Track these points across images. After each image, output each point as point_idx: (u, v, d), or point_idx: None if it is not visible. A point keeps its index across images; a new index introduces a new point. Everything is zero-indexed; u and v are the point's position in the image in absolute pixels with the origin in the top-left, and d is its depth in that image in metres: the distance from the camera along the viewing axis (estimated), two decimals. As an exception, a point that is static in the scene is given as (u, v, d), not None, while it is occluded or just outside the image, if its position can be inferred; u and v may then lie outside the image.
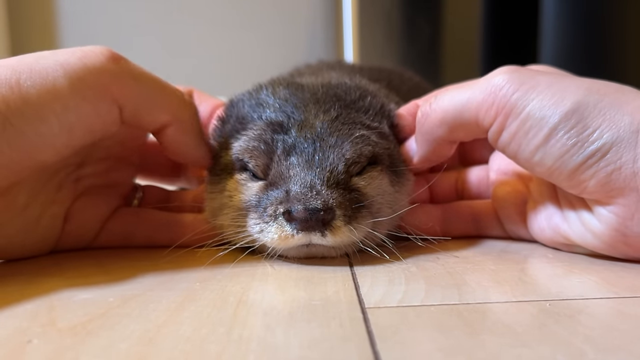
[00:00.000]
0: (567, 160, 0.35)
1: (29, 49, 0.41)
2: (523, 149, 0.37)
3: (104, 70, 0.35)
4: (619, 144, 0.34)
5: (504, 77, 0.37)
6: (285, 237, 0.37)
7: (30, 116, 0.33)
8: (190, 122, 0.42)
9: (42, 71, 0.34)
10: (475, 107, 0.38)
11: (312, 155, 0.39)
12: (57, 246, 0.42)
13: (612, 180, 0.34)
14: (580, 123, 0.35)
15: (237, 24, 1.53)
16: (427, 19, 1.36)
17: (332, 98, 0.44)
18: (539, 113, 0.36)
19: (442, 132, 0.40)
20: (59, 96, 0.34)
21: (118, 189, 0.45)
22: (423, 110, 0.41)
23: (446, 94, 0.40)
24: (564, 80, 0.37)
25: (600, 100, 0.35)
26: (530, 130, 0.36)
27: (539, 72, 0.38)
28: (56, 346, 0.25)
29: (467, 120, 0.39)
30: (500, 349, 0.24)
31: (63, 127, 0.34)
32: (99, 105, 0.36)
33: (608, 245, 0.37)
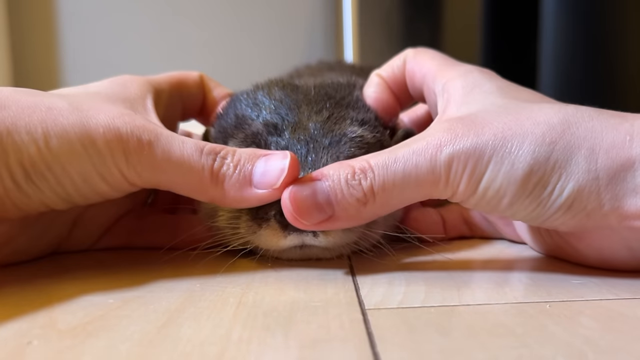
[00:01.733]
0: (535, 217, 0.35)
1: (29, 49, 0.41)
2: (491, 212, 0.36)
3: (124, 158, 0.35)
4: (580, 195, 0.33)
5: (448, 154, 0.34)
6: (277, 238, 0.37)
7: (50, 179, 0.34)
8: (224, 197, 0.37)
9: (70, 142, 0.34)
10: (426, 191, 0.35)
11: (305, 156, 0.39)
12: (59, 249, 0.42)
13: (584, 225, 0.34)
14: (538, 185, 0.33)
15: (237, 24, 1.53)
16: (426, 19, 1.36)
17: (324, 97, 0.44)
18: (495, 185, 0.34)
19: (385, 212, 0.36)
20: (80, 172, 0.34)
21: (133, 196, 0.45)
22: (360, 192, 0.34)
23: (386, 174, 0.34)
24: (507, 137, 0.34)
25: (552, 152, 0.33)
26: (491, 201, 0.35)
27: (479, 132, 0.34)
28: (56, 347, 0.25)
29: (419, 198, 0.36)
30: (500, 350, 0.24)
31: (79, 193, 0.36)
32: (118, 186, 0.36)
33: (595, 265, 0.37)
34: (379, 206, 0.35)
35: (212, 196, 0.37)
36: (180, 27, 1.52)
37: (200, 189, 0.36)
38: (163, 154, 0.35)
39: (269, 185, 0.36)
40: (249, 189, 0.36)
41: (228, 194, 0.36)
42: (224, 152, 0.37)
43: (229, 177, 0.36)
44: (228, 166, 0.36)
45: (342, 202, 0.34)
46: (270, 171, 0.36)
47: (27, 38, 1.48)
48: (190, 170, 0.36)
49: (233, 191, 0.36)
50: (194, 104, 0.50)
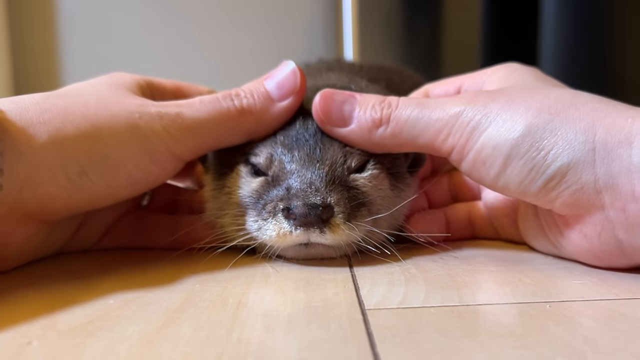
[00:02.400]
0: (528, 185, 0.35)
1: (29, 49, 0.41)
2: (485, 177, 0.37)
3: (167, 134, 0.37)
4: (575, 165, 0.33)
5: (460, 108, 0.37)
6: (283, 234, 0.37)
7: (105, 171, 0.35)
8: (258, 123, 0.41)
9: (119, 131, 0.36)
10: (431, 135, 0.38)
11: (314, 148, 0.39)
12: (61, 249, 0.42)
13: (577, 200, 0.34)
14: (533, 146, 0.34)
15: (237, 24, 1.53)
16: (426, 18, 1.36)
17: None
18: (492, 142, 0.35)
19: (391, 145, 0.39)
20: (132, 156, 0.36)
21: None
22: (377, 116, 0.39)
23: (406, 108, 0.38)
24: (515, 103, 0.36)
25: (551, 120, 0.34)
26: (487, 160, 0.36)
27: (493, 97, 0.37)
28: (56, 348, 0.25)
29: (421, 145, 0.39)
30: (500, 350, 0.24)
31: (130, 181, 0.37)
32: (166, 165, 0.38)
33: (594, 256, 0.36)
34: (389, 134, 0.38)
35: (248, 129, 0.40)
36: (179, 27, 1.51)
37: (237, 128, 0.40)
38: (193, 116, 0.38)
39: (291, 92, 0.40)
40: (275, 105, 0.40)
41: (261, 118, 0.40)
42: (234, 91, 0.40)
43: (253, 104, 0.40)
44: (247, 98, 0.40)
45: (361, 118, 0.39)
46: (283, 81, 0.40)
47: (27, 38, 1.48)
48: (220, 117, 0.39)
49: (263, 114, 0.40)
50: None
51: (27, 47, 1.48)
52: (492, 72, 0.44)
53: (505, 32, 1.18)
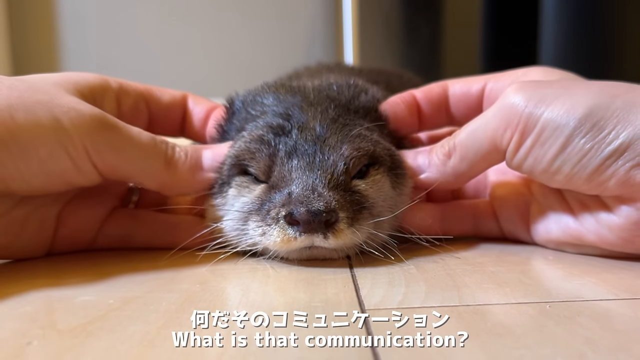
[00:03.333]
0: (585, 164, 0.36)
1: (29, 49, 0.41)
2: (540, 161, 0.37)
3: (87, 137, 0.37)
4: (636, 141, 0.34)
5: (513, 97, 0.38)
6: (287, 240, 0.37)
7: (14, 151, 0.35)
8: (177, 181, 0.41)
9: (36, 116, 0.35)
10: (490, 134, 0.39)
11: (313, 157, 0.39)
12: (52, 249, 0.42)
13: (632, 176, 0.35)
14: (595, 126, 0.35)
15: (237, 25, 1.53)
16: (426, 20, 1.36)
17: (329, 98, 0.44)
18: (553, 123, 0.36)
19: (465, 169, 0.41)
20: (45, 143, 0.35)
21: (112, 190, 0.45)
22: (446, 148, 0.41)
23: (464, 128, 0.41)
24: (572, 88, 0.37)
25: (612, 102, 0.35)
26: (547, 141, 0.37)
27: (545, 85, 0.38)
28: (56, 348, 0.25)
29: (487, 149, 0.39)
30: (500, 350, 0.24)
31: (42, 171, 0.36)
32: (81, 165, 0.37)
33: (625, 240, 0.37)
34: (459, 159, 0.41)
35: (164, 181, 0.41)
36: (179, 28, 1.52)
37: (156, 173, 0.40)
38: (124, 137, 0.38)
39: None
40: (201, 173, 0.42)
41: (181, 176, 0.41)
42: (173, 143, 0.41)
43: (182, 162, 0.41)
44: (179, 154, 0.41)
45: (433, 159, 0.42)
46: (219, 155, 0.42)
47: (27, 38, 1.48)
48: (147, 153, 0.39)
49: (186, 175, 0.41)
50: (167, 120, 0.49)
51: (27, 48, 1.48)
52: (526, 71, 0.44)
53: (506, 34, 1.18)
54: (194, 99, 0.49)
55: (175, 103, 0.48)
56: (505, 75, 0.45)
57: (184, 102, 0.49)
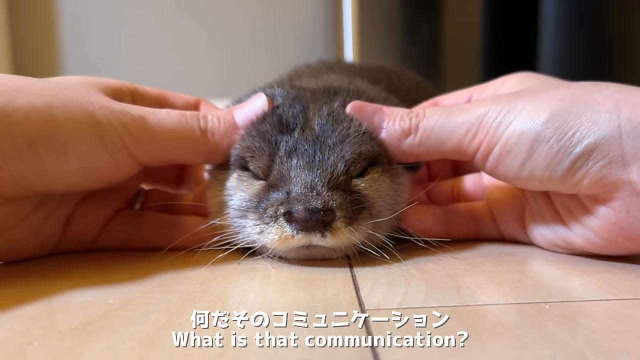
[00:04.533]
0: (555, 168, 0.36)
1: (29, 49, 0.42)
2: (510, 168, 0.38)
3: (124, 130, 0.38)
4: (602, 142, 0.35)
5: (485, 108, 0.39)
6: (285, 238, 0.37)
7: (54, 148, 0.35)
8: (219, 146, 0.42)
9: (73, 113, 0.36)
10: (458, 137, 0.40)
11: (313, 156, 0.39)
12: (57, 248, 0.42)
13: (604, 176, 0.35)
14: (558, 130, 0.36)
15: (237, 24, 1.53)
16: (426, 19, 1.36)
17: (331, 100, 0.44)
18: (518, 130, 0.37)
19: (419, 152, 0.41)
20: (84, 139, 0.36)
21: (122, 193, 0.45)
22: (405, 126, 0.41)
23: (433, 117, 0.40)
24: (539, 95, 0.38)
25: (574, 105, 0.36)
26: (513, 148, 0.38)
27: (517, 95, 0.39)
28: (56, 348, 0.25)
29: (449, 149, 0.40)
30: (500, 350, 0.24)
31: (81, 166, 0.37)
32: (119, 159, 0.38)
33: (609, 242, 0.37)
34: (417, 142, 0.41)
35: (206, 150, 0.41)
36: (179, 27, 1.52)
37: (195, 146, 0.41)
38: (157, 122, 0.39)
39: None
40: (238, 132, 0.42)
41: (221, 142, 0.41)
42: (203, 113, 0.42)
43: (217, 128, 0.41)
44: (212, 121, 0.41)
45: (391, 128, 0.41)
46: (251, 112, 0.43)
47: (27, 39, 1.48)
48: (182, 131, 0.40)
49: (224, 139, 0.42)
50: None
51: (28, 48, 1.48)
52: (505, 80, 0.46)
53: (505, 34, 1.18)
54: (206, 105, 0.50)
55: (188, 108, 0.49)
56: (488, 86, 0.46)
57: (197, 107, 0.50)
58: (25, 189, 0.36)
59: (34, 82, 0.37)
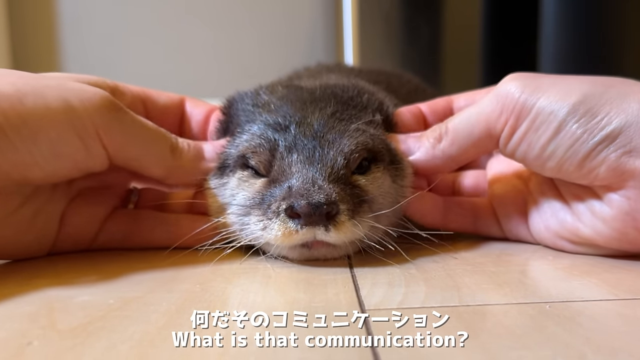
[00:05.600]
0: (577, 149, 0.36)
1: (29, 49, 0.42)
2: (534, 146, 0.38)
3: (98, 116, 0.38)
4: (628, 129, 0.35)
5: (509, 84, 0.39)
6: (289, 233, 0.37)
7: (25, 134, 0.35)
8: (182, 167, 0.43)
9: (45, 99, 0.36)
10: (484, 119, 0.40)
11: (313, 151, 0.39)
12: (54, 248, 0.42)
13: (623, 163, 0.35)
14: (588, 112, 0.36)
15: (237, 25, 1.53)
16: (427, 20, 1.36)
17: (329, 96, 0.44)
18: (548, 108, 0.37)
19: (454, 152, 0.42)
20: (55, 125, 0.36)
21: (114, 190, 0.45)
22: (437, 132, 0.42)
23: (458, 116, 0.41)
24: (566, 78, 0.38)
25: (606, 91, 0.36)
26: (541, 126, 0.38)
27: (541, 75, 0.39)
28: (56, 348, 0.25)
29: (479, 134, 0.40)
30: (500, 350, 0.24)
31: (53, 153, 0.37)
32: (90, 145, 0.38)
33: (619, 232, 0.37)
34: (449, 142, 0.41)
35: (170, 166, 0.42)
36: (180, 28, 1.52)
37: (162, 157, 0.42)
38: (133, 120, 0.40)
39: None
40: (203, 162, 0.44)
41: (186, 163, 0.43)
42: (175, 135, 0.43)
43: (187, 150, 0.43)
44: (183, 143, 0.43)
45: (424, 142, 0.43)
46: (219, 148, 0.44)
47: (27, 38, 1.48)
48: (154, 136, 0.41)
49: (190, 162, 0.43)
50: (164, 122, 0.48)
51: (28, 48, 1.48)
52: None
53: (505, 35, 1.18)
54: (192, 101, 0.49)
55: (172, 105, 0.49)
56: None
57: (181, 105, 0.49)
58: (1, 179, 0.36)
59: (10, 72, 0.37)
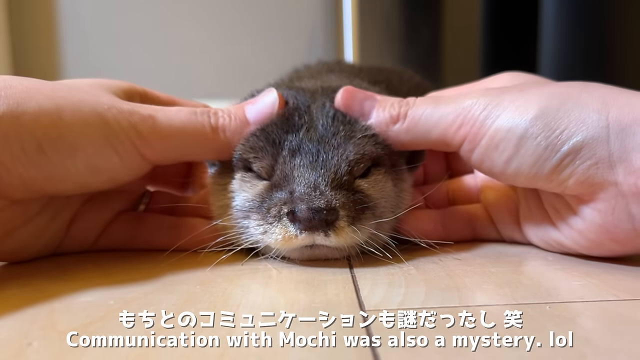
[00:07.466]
0: (542, 165, 0.36)
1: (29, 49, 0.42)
2: (496, 163, 0.38)
3: (133, 132, 0.38)
4: (589, 141, 0.35)
5: (472, 100, 0.39)
6: (289, 237, 0.37)
7: (62, 149, 0.35)
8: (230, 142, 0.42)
9: (82, 114, 0.36)
10: (443, 128, 0.39)
11: (316, 156, 0.39)
12: (58, 249, 0.42)
13: (590, 176, 0.35)
14: (546, 127, 0.36)
15: (237, 25, 1.54)
16: (427, 20, 1.36)
17: (331, 99, 0.44)
18: (506, 125, 0.37)
19: (406, 139, 0.41)
20: (92, 141, 0.36)
21: (126, 195, 0.45)
22: (394, 113, 0.41)
23: (421, 105, 0.40)
24: (529, 92, 0.38)
25: (564, 103, 0.36)
26: (500, 143, 0.37)
27: (505, 90, 0.39)
28: (56, 349, 0.25)
29: (434, 139, 0.40)
30: (500, 351, 0.24)
31: (89, 167, 0.37)
32: (128, 160, 0.38)
33: (596, 243, 0.37)
34: (404, 129, 0.40)
35: (218, 148, 0.41)
36: (180, 30, 1.52)
37: (206, 143, 0.40)
38: (166, 121, 0.39)
39: (268, 120, 0.41)
40: (249, 128, 0.42)
41: (232, 139, 0.41)
42: (213, 110, 0.41)
43: (228, 124, 0.41)
44: (223, 117, 0.41)
45: (380, 114, 0.41)
46: (262, 108, 0.42)
47: (27, 39, 1.48)
48: (193, 128, 0.40)
49: (236, 135, 0.41)
50: None
51: (28, 48, 1.48)
52: (495, 77, 0.45)
53: (505, 35, 1.18)
54: None
55: None
56: (481, 82, 0.47)
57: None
58: (33, 191, 0.36)
59: (43, 84, 0.37)
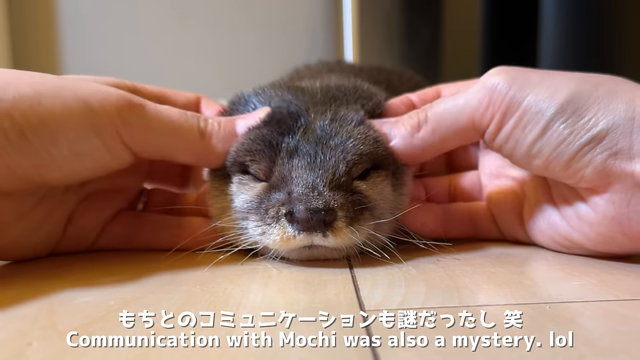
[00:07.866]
0: (564, 149, 0.36)
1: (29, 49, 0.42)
2: (520, 144, 0.38)
3: (116, 116, 0.37)
4: (614, 131, 0.35)
5: (497, 78, 0.38)
6: (287, 238, 0.37)
7: (44, 135, 0.35)
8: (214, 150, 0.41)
9: (63, 99, 0.36)
10: (470, 112, 0.39)
11: (314, 157, 0.39)
12: (57, 248, 0.42)
13: (608, 166, 0.35)
14: (576, 112, 0.36)
15: (238, 25, 1.53)
16: (427, 20, 1.36)
17: (331, 100, 0.44)
18: (535, 107, 0.37)
19: (434, 141, 0.40)
20: (74, 125, 0.36)
21: (124, 194, 0.45)
22: (415, 119, 0.41)
23: (440, 102, 0.40)
24: (555, 75, 0.38)
25: (595, 90, 0.36)
26: (528, 124, 0.37)
27: (529, 69, 0.39)
28: (56, 349, 0.25)
29: (463, 126, 0.39)
30: (500, 351, 0.24)
31: (73, 153, 0.36)
32: (110, 144, 0.38)
33: (606, 237, 0.37)
34: (430, 131, 0.40)
35: (201, 152, 0.41)
36: (180, 29, 1.52)
37: (190, 145, 0.40)
38: (154, 113, 0.39)
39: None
40: (236, 140, 0.41)
41: (217, 147, 0.41)
42: (204, 116, 0.41)
43: (216, 132, 0.41)
44: (212, 125, 0.41)
45: (401, 131, 0.41)
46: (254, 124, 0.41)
47: (27, 38, 1.48)
48: (180, 128, 0.39)
49: (221, 144, 0.41)
50: None
51: (28, 48, 1.48)
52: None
53: (505, 35, 1.18)
54: (207, 101, 0.50)
55: (189, 105, 0.49)
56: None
57: (197, 104, 0.50)
58: (22, 180, 0.36)
59: (23, 73, 0.37)
